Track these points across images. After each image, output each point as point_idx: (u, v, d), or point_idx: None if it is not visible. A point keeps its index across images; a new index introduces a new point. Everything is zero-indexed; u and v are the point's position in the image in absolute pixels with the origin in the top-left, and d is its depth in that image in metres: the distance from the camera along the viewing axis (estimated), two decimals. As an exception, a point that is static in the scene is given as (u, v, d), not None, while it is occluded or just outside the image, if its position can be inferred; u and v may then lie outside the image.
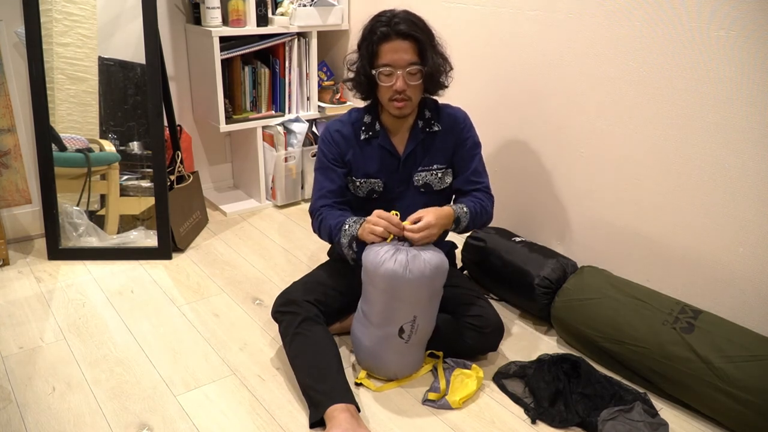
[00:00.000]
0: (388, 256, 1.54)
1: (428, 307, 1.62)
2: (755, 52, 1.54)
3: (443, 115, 1.81)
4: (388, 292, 1.56)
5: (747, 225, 1.65)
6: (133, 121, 2.42)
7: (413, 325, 1.60)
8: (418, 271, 1.53)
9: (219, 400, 1.63)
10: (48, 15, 2.20)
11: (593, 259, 2.06)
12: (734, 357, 1.52)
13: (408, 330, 1.60)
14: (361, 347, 1.69)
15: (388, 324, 1.60)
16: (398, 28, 1.60)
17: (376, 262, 1.54)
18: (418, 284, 1.54)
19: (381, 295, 1.58)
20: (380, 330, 1.62)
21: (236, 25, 2.55)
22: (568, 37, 1.95)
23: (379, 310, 1.60)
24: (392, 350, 1.64)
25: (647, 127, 1.81)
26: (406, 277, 1.52)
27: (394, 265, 1.52)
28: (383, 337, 1.63)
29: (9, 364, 1.74)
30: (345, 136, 1.79)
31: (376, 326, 1.63)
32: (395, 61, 1.62)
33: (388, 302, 1.58)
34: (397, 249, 1.55)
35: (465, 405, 1.64)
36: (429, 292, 1.58)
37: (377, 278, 1.55)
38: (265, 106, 2.78)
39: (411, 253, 1.55)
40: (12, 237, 2.44)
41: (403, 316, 1.59)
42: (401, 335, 1.60)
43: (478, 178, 1.82)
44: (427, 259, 1.54)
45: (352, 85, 1.76)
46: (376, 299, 1.60)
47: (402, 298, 1.56)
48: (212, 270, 2.31)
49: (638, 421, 1.52)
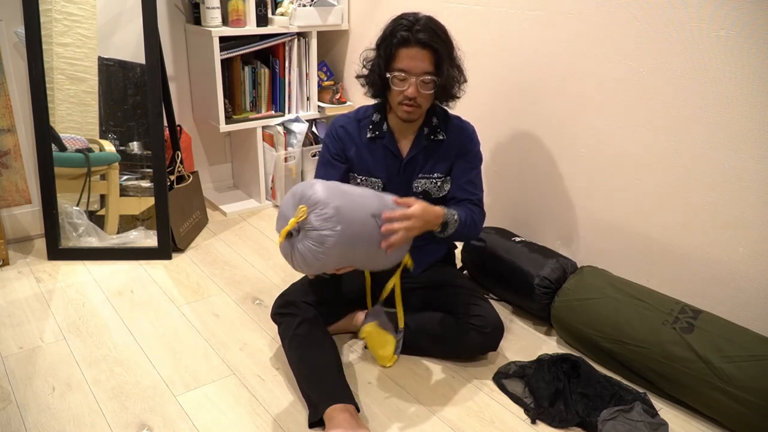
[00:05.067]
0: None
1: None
2: (755, 52, 1.54)
3: (451, 125, 1.80)
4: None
5: (747, 225, 1.65)
6: (132, 121, 2.42)
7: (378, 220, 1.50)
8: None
9: (219, 400, 1.63)
10: (48, 15, 2.20)
11: (593, 258, 2.06)
12: (734, 357, 1.52)
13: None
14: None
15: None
16: (419, 36, 1.58)
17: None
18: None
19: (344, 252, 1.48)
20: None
21: (236, 25, 2.55)
22: (567, 37, 1.95)
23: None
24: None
25: (647, 127, 1.81)
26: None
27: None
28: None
29: (9, 364, 1.74)
30: (349, 132, 1.79)
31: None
32: (411, 68, 1.61)
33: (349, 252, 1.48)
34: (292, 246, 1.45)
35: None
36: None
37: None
38: (264, 106, 2.78)
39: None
40: (12, 237, 2.44)
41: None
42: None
43: (473, 189, 1.80)
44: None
45: (365, 82, 1.76)
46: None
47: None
48: (212, 270, 2.31)
49: (638, 421, 1.52)
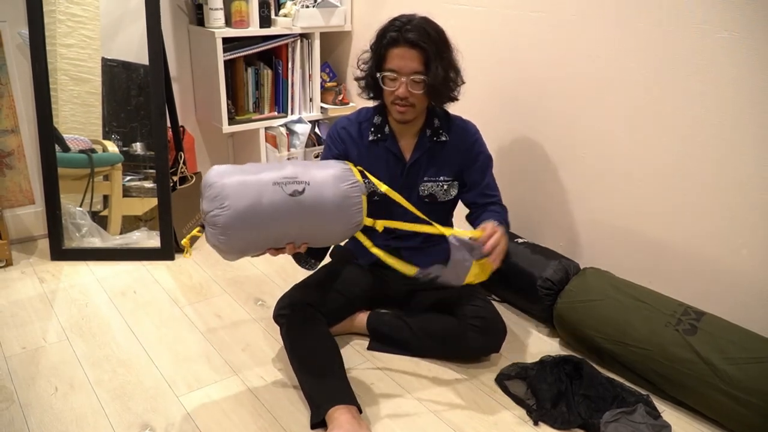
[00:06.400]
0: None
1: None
2: (759, 54, 1.53)
3: (453, 125, 1.81)
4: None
5: (750, 227, 1.65)
6: (136, 122, 2.42)
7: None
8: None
9: (221, 400, 1.63)
10: (51, 16, 2.21)
11: (596, 260, 2.05)
12: (737, 359, 1.52)
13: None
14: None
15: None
16: (407, 36, 1.59)
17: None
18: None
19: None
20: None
21: (239, 27, 2.55)
22: (569, 38, 1.95)
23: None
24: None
25: (650, 129, 1.81)
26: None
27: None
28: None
29: (12, 365, 1.74)
30: (351, 134, 1.80)
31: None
32: (399, 67, 1.62)
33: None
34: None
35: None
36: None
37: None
38: (267, 107, 2.78)
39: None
40: (15, 237, 2.44)
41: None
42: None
43: (492, 191, 1.83)
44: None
45: (362, 85, 1.77)
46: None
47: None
48: (214, 271, 2.31)
49: (640, 423, 1.51)
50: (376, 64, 1.68)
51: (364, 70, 1.75)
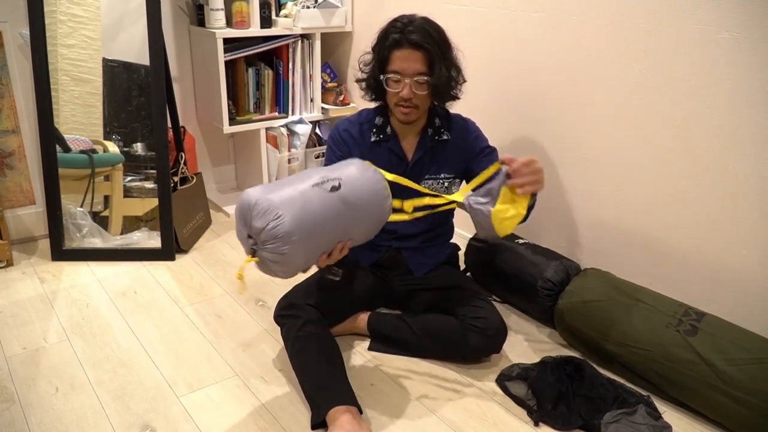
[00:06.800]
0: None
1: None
2: (759, 55, 1.53)
3: (453, 124, 1.82)
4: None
5: (750, 227, 1.65)
6: (136, 122, 2.42)
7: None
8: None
9: (222, 401, 1.63)
10: (52, 16, 2.21)
11: (596, 261, 2.05)
12: (738, 360, 1.51)
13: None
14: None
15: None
16: (410, 37, 1.60)
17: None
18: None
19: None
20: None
21: (240, 27, 2.55)
22: (569, 38, 1.95)
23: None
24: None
25: (650, 129, 1.81)
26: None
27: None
28: None
29: (12, 365, 1.74)
30: (353, 135, 1.80)
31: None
32: (403, 69, 1.62)
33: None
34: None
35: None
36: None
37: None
38: (268, 107, 2.79)
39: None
40: (16, 238, 2.45)
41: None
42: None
43: None
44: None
45: (363, 86, 1.77)
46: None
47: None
48: (215, 271, 2.31)
49: (641, 424, 1.51)
50: (379, 66, 1.68)
51: (366, 72, 1.75)
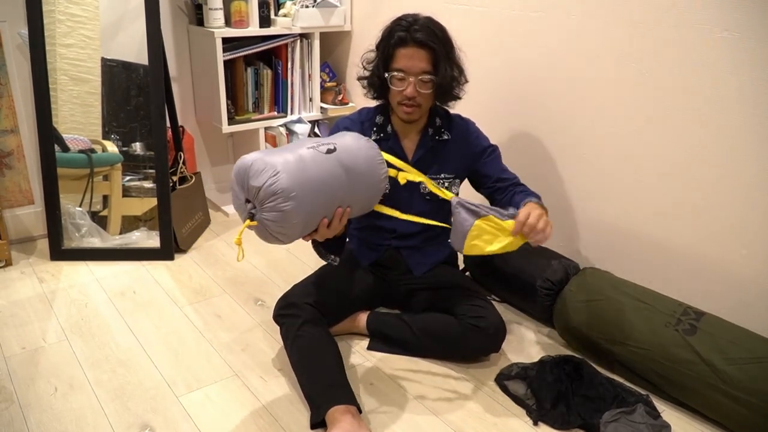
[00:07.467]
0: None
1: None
2: (758, 54, 1.53)
3: (454, 124, 1.82)
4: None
5: (750, 227, 1.65)
6: (135, 122, 2.42)
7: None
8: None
9: (221, 401, 1.63)
10: (51, 16, 2.21)
11: (595, 260, 2.06)
12: (737, 359, 1.51)
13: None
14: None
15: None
16: (416, 36, 1.60)
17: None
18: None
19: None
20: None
21: (239, 27, 2.55)
22: (570, 39, 1.95)
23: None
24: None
25: (649, 129, 1.81)
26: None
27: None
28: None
29: (11, 365, 1.74)
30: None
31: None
32: (408, 67, 1.62)
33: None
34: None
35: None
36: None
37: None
38: (267, 107, 2.78)
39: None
40: (15, 237, 2.44)
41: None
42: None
43: (508, 174, 1.84)
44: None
45: (366, 84, 1.77)
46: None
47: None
48: (214, 271, 2.31)
49: (640, 423, 1.51)
50: (383, 64, 1.68)
51: (369, 70, 1.74)
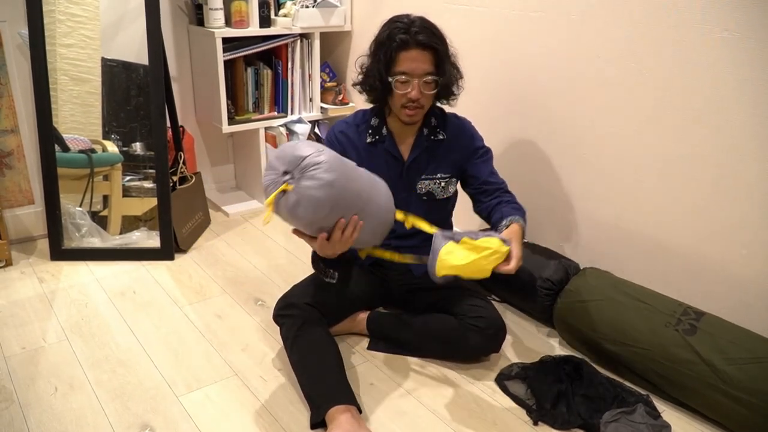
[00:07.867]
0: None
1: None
2: (758, 54, 1.53)
3: (449, 123, 1.82)
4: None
5: (749, 227, 1.65)
6: (135, 122, 2.42)
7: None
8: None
9: (221, 400, 1.63)
10: (51, 16, 2.21)
11: (595, 260, 2.05)
12: (737, 359, 1.51)
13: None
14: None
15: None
16: (418, 38, 1.59)
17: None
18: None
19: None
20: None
21: (239, 27, 2.55)
22: (570, 39, 1.95)
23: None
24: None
25: (649, 129, 1.81)
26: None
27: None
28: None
29: (11, 365, 1.74)
30: (349, 137, 1.79)
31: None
32: (413, 69, 1.62)
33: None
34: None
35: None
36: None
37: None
38: (267, 107, 2.78)
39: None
40: (15, 237, 2.44)
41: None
42: None
43: (497, 179, 1.84)
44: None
45: (365, 89, 1.75)
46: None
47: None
48: (214, 271, 2.31)
49: (640, 423, 1.51)
50: (385, 68, 1.65)
51: (366, 75, 1.73)
